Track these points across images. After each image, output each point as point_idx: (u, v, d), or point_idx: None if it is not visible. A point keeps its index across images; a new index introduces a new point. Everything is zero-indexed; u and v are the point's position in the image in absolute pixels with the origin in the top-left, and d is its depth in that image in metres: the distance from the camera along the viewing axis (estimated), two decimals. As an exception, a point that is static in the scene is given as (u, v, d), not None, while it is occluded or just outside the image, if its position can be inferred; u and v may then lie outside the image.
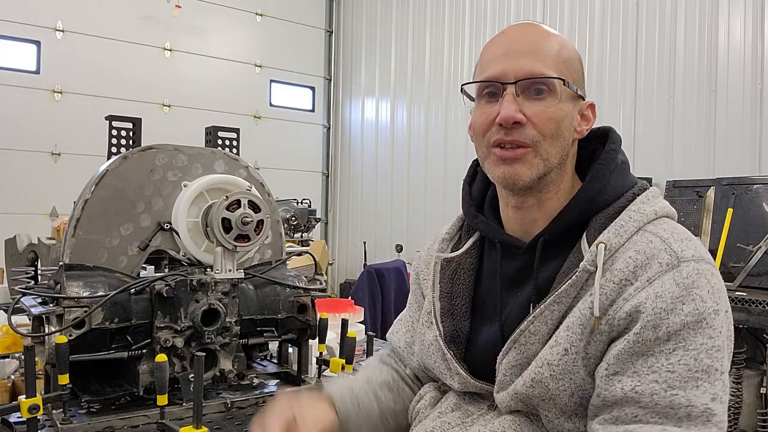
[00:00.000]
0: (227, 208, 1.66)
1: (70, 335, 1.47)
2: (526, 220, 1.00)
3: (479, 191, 1.12)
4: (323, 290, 1.95)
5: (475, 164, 1.15)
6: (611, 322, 0.85)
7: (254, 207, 1.69)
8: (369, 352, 1.63)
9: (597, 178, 0.95)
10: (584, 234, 0.93)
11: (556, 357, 0.87)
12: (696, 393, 0.80)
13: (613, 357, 0.85)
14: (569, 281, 0.88)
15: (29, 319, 1.59)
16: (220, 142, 2.15)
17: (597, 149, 1.02)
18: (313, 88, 8.61)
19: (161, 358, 1.39)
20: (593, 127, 1.05)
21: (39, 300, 1.60)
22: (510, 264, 1.01)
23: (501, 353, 0.95)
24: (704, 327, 0.81)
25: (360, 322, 2.49)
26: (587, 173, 0.99)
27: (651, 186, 0.99)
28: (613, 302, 0.85)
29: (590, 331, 0.86)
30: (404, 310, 1.29)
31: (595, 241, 0.89)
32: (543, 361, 0.88)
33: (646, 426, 0.81)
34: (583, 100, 0.99)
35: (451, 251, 1.11)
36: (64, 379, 1.40)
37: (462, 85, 1.01)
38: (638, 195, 0.94)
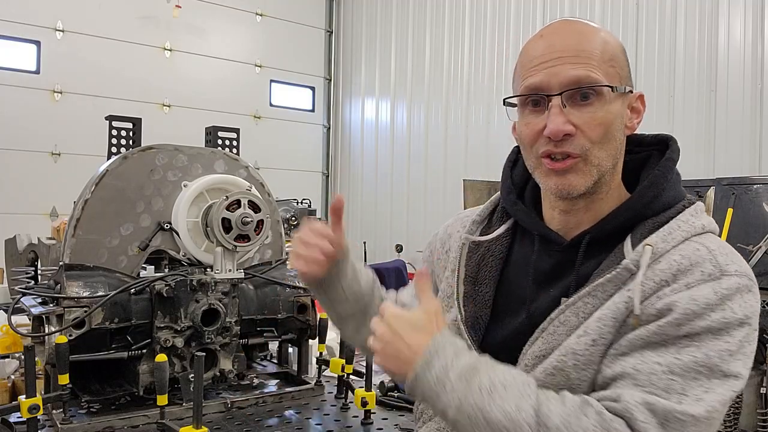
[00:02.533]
0: (227, 208, 1.66)
1: (70, 335, 1.48)
2: (572, 222, 0.98)
3: (520, 178, 1.07)
4: (323, 290, 1.94)
5: (517, 149, 1.10)
6: (640, 317, 0.84)
7: (254, 207, 1.69)
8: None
9: (655, 184, 0.93)
10: (629, 236, 0.91)
11: (582, 346, 0.86)
12: (692, 384, 0.80)
13: (627, 340, 0.84)
14: (608, 275, 0.87)
15: (29, 319, 1.60)
16: (220, 142, 2.15)
17: (652, 155, 0.99)
18: (313, 88, 8.61)
19: (161, 358, 1.39)
20: (653, 134, 1.02)
21: (39, 300, 1.60)
22: (545, 259, 0.98)
23: (528, 343, 0.93)
24: (724, 335, 0.81)
25: (360, 322, 2.49)
26: (640, 177, 0.97)
27: (698, 201, 0.97)
28: (647, 298, 0.85)
29: (621, 325, 0.86)
30: (405, 289, 1.28)
31: (643, 242, 0.88)
32: (568, 350, 0.87)
33: (632, 389, 0.81)
34: (632, 93, 0.96)
35: (481, 235, 1.07)
36: (64, 379, 1.40)
37: (504, 99, 0.97)
38: (687, 207, 0.93)
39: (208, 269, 1.70)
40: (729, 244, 0.92)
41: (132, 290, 1.60)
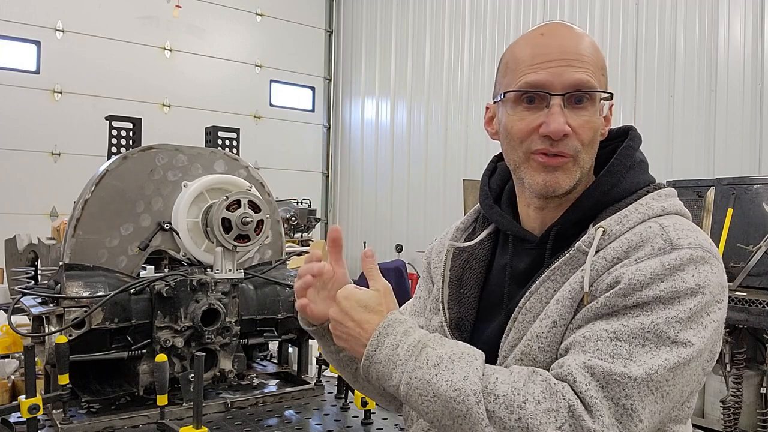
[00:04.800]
0: (227, 208, 1.66)
1: (70, 335, 1.47)
2: (547, 219, 1.00)
3: (498, 185, 1.12)
4: (323, 290, 1.94)
5: (495, 159, 1.15)
6: (594, 294, 0.86)
7: (254, 207, 1.69)
8: (369, 352, 1.62)
9: (612, 172, 0.96)
10: (591, 224, 0.93)
11: (545, 329, 0.88)
12: (639, 351, 0.80)
13: (580, 314, 0.86)
14: (563, 258, 0.91)
15: (29, 319, 1.59)
16: (220, 142, 2.15)
17: (618, 147, 1.01)
18: (313, 88, 8.61)
19: (161, 358, 1.39)
20: (616, 127, 1.04)
21: (39, 300, 1.60)
22: (521, 259, 1.01)
23: (504, 335, 0.95)
24: (675, 304, 0.81)
25: (360, 322, 2.49)
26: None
27: (667, 187, 0.97)
28: (600, 275, 0.87)
29: (578, 304, 0.87)
30: (412, 299, 1.26)
31: (595, 225, 0.90)
32: (532, 335, 0.89)
33: (577, 355, 0.81)
34: (608, 101, 0.98)
35: (465, 241, 1.11)
36: (64, 379, 1.40)
37: (505, 92, 0.97)
38: (650, 193, 0.95)
39: (208, 269, 1.70)
40: (691, 222, 0.92)
41: (132, 290, 1.60)
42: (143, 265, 1.77)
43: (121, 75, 6.82)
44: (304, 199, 6.64)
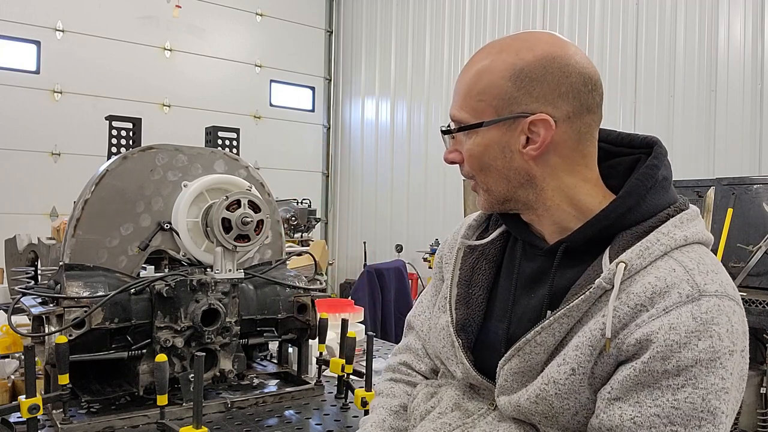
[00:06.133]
0: (227, 208, 1.66)
1: (70, 335, 1.48)
2: (537, 230, 1.01)
3: None
4: (323, 290, 1.95)
5: None
6: (620, 346, 0.83)
7: (254, 207, 1.69)
8: (369, 352, 1.63)
9: (631, 193, 0.91)
10: (607, 249, 0.89)
11: (563, 376, 0.86)
12: None
13: (618, 382, 0.83)
14: (582, 296, 0.86)
15: (29, 319, 1.59)
16: (220, 142, 2.15)
17: (641, 159, 0.97)
18: (313, 88, 8.61)
19: (161, 358, 1.39)
20: (642, 135, 1.01)
21: (39, 300, 1.60)
22: (528, 264, 1.00)
23: (503, 359, 0.93)
24: (717, 367, 0.79)
25: (360, 322, 2.49)
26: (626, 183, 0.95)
27: (690, 207, 0.93)
28: (626, 326, 0.83)
29: (599, 353, 0.84)
30: (426, 290, 1.27)
31: (616, 260, 0.85)
32: (549, 379, 0.87)
33: None
34: (525, 117, 0.91)
35: (477, 239, 1.10)
36: (64, 379, 1.40)
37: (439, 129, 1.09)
38: (673, 216, 0.90)
39: (208, 269, 1.70)
40: (713, 257, 0.89)
41: (132, 290, 1.60)
42: (143, 265, 1.77)
43: (121, 75, 6.81)
44: (304, 199, 6.64)
